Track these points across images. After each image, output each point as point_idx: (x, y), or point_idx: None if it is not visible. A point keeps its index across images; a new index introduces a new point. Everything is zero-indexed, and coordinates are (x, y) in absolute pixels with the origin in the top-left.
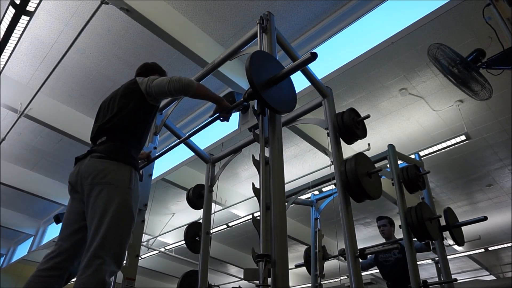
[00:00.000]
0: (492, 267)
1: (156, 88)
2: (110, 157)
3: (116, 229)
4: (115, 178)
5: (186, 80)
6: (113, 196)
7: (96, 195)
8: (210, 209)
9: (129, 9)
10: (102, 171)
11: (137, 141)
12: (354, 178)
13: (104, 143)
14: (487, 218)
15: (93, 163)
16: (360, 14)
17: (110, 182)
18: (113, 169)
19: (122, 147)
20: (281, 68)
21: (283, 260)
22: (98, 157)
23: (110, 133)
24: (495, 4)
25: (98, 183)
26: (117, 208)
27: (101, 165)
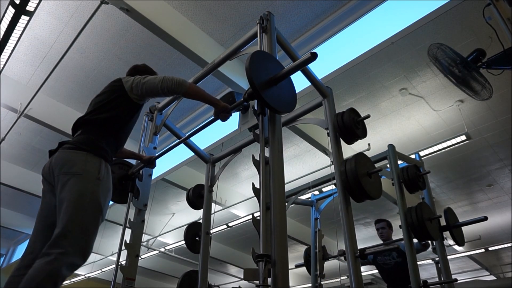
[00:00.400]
0: (492, 267)
1: (147, 86)
2: (79, 147)
3: (81, 219)
4: (83, 168)
5: (179, 79)
6: (80, 186)
7: (62, 185)
8: (210, 209)
9: (129, 9)
10: (69, 161)
11: (112, 137)
12: (354, 178)
13: (78, 136)
14: (487, 218)
15: (62, 154)
16: (360, 14)
17: (77, 172)
18: (81, 159)
19: (94, 139)
20: (281, 68)
21: (283, 260)
22: (68, 148)
23: (86, 127)
24: (495, 4)
25: (65, 173)
26: (83, 198)
27: (69, 156)
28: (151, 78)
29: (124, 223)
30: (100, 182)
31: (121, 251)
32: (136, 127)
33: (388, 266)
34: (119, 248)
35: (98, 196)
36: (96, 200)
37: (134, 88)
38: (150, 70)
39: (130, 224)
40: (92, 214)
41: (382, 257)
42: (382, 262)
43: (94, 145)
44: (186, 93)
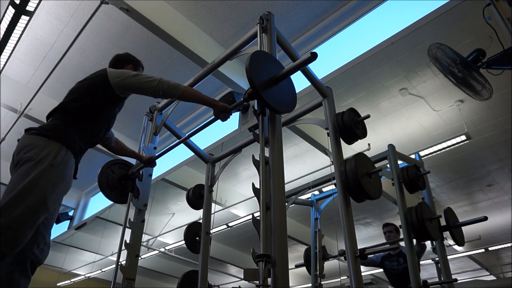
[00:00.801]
0: (492, 267)
1: (140, 83)
2: (41, 133)
3: (17, 206)
4: (38, 153)
5: (175, 82)
6: (28, 171)
7: (15, 169)
8: (210, 209)
9: (129, 9)
10: (27, 146)
11: (86, 126)
12: (354, 178)
13: (47, 122)
14: (487, 218)
15: (24, 139)
16: (360, 14)
17: (31, 158)
18: (39, 144)
19: (61, 126)
20: (281, 68)
21: (283, 260)
22: (30, 133)
23: (58, 113)
24: (495, 4)
25: (20, 159)
26: (26, 184)
27: (29, 141)
28: (145, 77)
29: (124, 223)
30: (53, 169)
31: (121, 251)
32: (136, 127)
33: (395, 271)
34: (119, 248)
35: (46, 184)
36: (41, 188)
37: (121, 82)
38: (132, 58)
39: (130, 224)
40: (32, 203)
41: (389, 262)
42: (390, 267)
43: (59, 131)
44: (182, 96)
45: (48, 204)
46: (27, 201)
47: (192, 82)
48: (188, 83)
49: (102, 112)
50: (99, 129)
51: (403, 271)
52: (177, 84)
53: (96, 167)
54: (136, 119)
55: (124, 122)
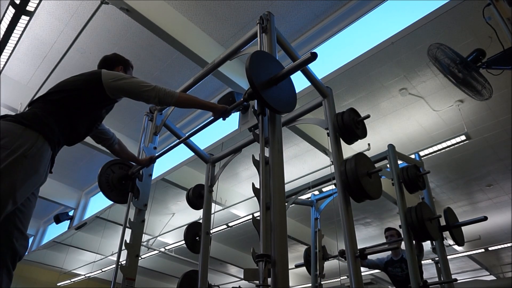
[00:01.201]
0: (492, 267)
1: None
2: (17, 120)
3: None
4: (12, 142)
5: (171, 90)
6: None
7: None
8: (210, 209)
9: (129, 9)
10: (2, 133)
11: (67, 120)
12: (354, 178)
13: (26, 110)
14: (487, 218)
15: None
16: (360, 14)
17: (4, 146)
18: (15, 133)
19: (40, 115)
20: (281, 68)
21: (283, 260)
22: (7, 119)
23: (39, 102)
24: (495, 4)
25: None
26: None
27: (4, 127)
28: (140, 82)
29: (124, 223)
30: (25, 160)
31: (121, 251)
32: (136, 127)
33: (399, 277)
34: (119, 248)
35: (15, 176)
36: (10, 179)
37: (114, 83)
38: (121, 59)
39: (130, 224)
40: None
41: (393, 269)
42: (393, 274)
43: (37, 120)
44: (177, 102)
45: (16, 197)
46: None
47: (192, 82)
48: (188, 83)
49: (85, 109)
50: (79, 126)
51: (406, 277)
52: (172, 92)
53: (96, 167)
54: (136, 119)
55: (124, 122)
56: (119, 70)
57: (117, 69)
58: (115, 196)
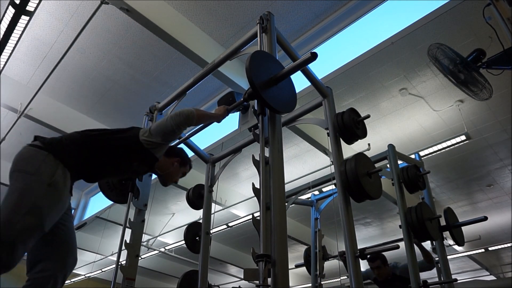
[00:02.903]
0: (492, 267)
1: (158, 129)
2: (42, 147)
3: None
4: (36, 168)
5: (183, 111)
6: (24, 185)
7: (11, 181)
8: (210, 209)
9: (129, 9)
10: (26, 159)
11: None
12: (354, 178)
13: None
14: (487, 218)
15: (24, 149)
16: (360, 14)
17: (28, 171)
18: (38, 159)
19: (65, 144)
20: (281, 68)
21: (283, 260)
22: (32, 145)
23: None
24: (495, 4)
25: (18, 170)
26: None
27: (29, 153)
28: (160, 121)
29: (124, 223)
30: (50, 189)
31: (121, 251)
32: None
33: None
34: (119, 248)
35: (42, 203)
36: (37, 207)
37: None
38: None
39: (130, 224)
40: (29, 221)
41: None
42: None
43: (61, 148)
44: (198, 121)
45: (44, 227)
46: (24, 221)
47: (192, 82)
48: (188, 83)
49: (115, 152)
50: (104, 166)
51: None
52: (189, 112)
53: None
54: (136, 119)
55: (124, 122)
56: (174, 162)
57: (173, 160)
58: (115, 196)
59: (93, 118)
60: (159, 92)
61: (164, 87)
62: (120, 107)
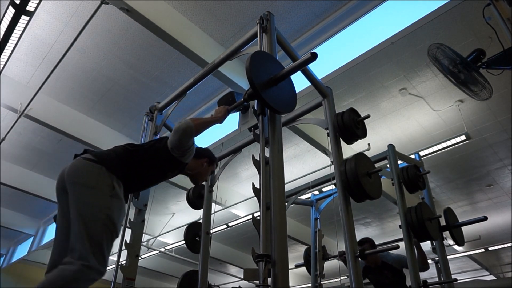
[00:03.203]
0: (492, 267)
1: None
2: (94, 160)
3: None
4: (96, 181)
5: (182, 125)
6: (93, 200)
7: (76, 196)
8: (210, 209)
9: (129, 9)
10: (83, 172)
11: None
12: (354, 178)
13: (103, 151)
14: (487, 218)
15: (78, 162)
16: (360, 14)
17: (91, 185)
18: (95, 172)
19: (113, 157)
20: (281, 68)
21: (283, 260)
22: (85, 158)
23: (118, 146)
24: (495, 4)
25: (79, 184)
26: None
27: (84, 166)
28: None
29: (124, 223)
30: (113, 199)
31: (121, 251)
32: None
33: (384, 285)
34: (119, 248)
35: (112, 212)
36: (109, 216)
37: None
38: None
39: (130, 224)
40: (107, 229)
41: (373, 276)
42: (375, 282)
43: (111, 161)
44: (196, 129)
45: (118, 232)
46: (104, 230)
47: (192, 82)
48: (188, 83)
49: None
50: (143, 179)
51: (392, 285)
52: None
53: None
54: (136, 119)
55: (124, 122)
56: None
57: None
58: None
59: (93, 118)
60: (159, 92)
61: (164, 87)
62: (120, 107)
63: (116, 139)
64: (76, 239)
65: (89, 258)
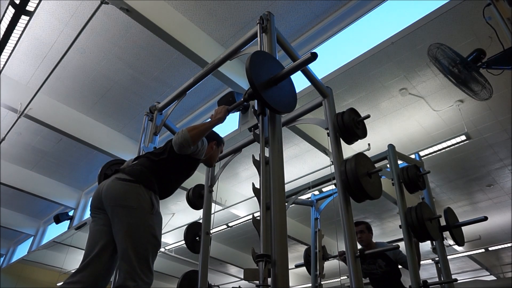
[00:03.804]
0: (492, 267)
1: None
2: (131, 180)
3: (143, 252)
4: (136, 201)
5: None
6: (136, 219)
7: (118, 217)
8: (210, 209)
9: (129, 9)
10: (122, 194)
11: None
12: (354, 178)
13: (132, 166)
14: (487, 218)
15: (115, 184)
16: (360, 14)
17: (132, 206)
18: (135, 192)
19: (146, 172)
20: (281, 68)
21: (283, 260)
22: (121, 179)
23: (142, 159)
24: (495, 4)
25: (120, 206)
26: (140, 232)
27: (123, 188)
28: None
29: None
30: (154, 216)
31: None
32: (136, 127)
33: (376, 276)
34: None
35: (154, 229)
36: (153, 234)
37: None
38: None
39: None
40: (152, 246)
41: (367, 266)
42: (369, 271)
43: (147, 178)
44: (193, 140)
45: (161, 245)
46: (149, 247)
47: (192, 82)
48: (188, 83)
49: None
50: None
51: (383, 274)
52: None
53: (96, 167)
54: (136, 119)
55: (124, 122)
56: (212, 146)
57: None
58: None
59: (93, 118)
60: (159, 92)
61: (164, 87)
62: (120, 107)
63: (116, 139)
64: (126, 260)
65: (141, 276)
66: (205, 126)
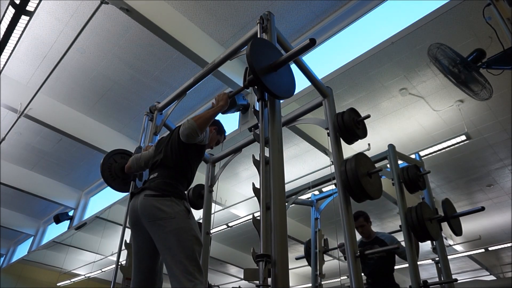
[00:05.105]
0: (492, 267)
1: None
2: (162, 195)
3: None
4: (172, 212)
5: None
6: (177, 227)
7: (161, 232)
8: (210, 209)
9: (129, 9)
10: (159, 210)
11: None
12: (354, 178)
13: (155, 180)
14: (484, 208)
15: (147, 201)
16: (360, 14)
17: (170, 217)
18: (168, 205)
19: (171, 183)
20: (280, 55)
21: (283, 260)
22: (151, 196)
23: (160, 169)
24: (495, 4)
25: (160, 219)
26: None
27: (157, 203)
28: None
29: (124, 223)
30: (191, 220)
31: (121, 251)
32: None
33: (371, 261)
34: (119, 248)
35: (195, 231)
36: (195, 235)
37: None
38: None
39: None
40: (196, 246)
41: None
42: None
43: (174, 190)
44: (200, 128)
45: (202, 242)
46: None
47: (192, 82)
48: (188, 83)
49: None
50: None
51: (378, 260)
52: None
53: (96, 167)
54: (136, 119)
55: (124, 122)
56: (212, 130)
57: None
58: (117, 185)
59: (93, 118)
60: (159, 92)
61: (164, 87)
62: (120, 107)
63: (116, 139)
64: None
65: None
66: (209, 114)
